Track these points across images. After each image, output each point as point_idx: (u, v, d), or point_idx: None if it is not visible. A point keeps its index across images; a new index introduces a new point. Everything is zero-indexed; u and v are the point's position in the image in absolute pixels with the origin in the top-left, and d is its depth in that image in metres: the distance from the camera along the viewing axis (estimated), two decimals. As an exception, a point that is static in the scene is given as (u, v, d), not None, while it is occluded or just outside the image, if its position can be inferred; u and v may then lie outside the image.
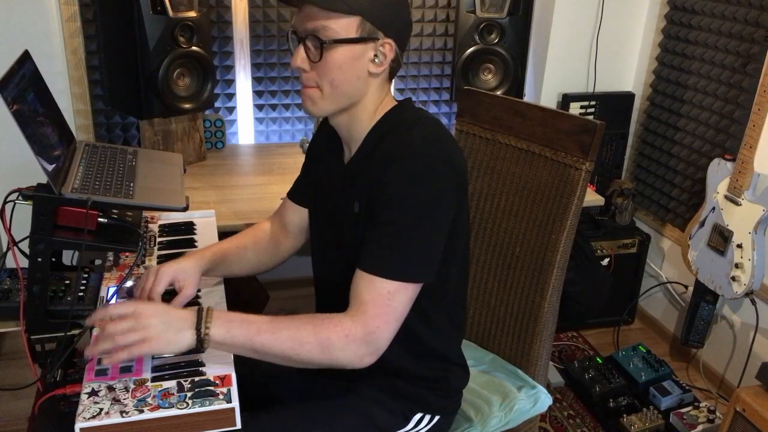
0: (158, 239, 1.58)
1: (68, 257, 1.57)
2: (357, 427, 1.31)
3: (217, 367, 1.13)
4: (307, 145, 2.59)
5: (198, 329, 1.10)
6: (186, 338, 1.10)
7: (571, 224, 1.50)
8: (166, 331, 1.09)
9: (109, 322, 1.10)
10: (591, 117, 2.75)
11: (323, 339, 1.12)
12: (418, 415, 1.35)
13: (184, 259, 1.36)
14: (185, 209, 1.44)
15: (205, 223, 1.69)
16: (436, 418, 1.37)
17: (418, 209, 1.16)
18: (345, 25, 1.15)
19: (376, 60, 1.19)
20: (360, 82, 1.20)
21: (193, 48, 2.22)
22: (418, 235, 1.17)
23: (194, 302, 1.35)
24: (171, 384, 1.08)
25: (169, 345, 1.09)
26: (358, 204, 1.24)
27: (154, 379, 1.10)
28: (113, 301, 1.31)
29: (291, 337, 1.12)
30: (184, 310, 1.15)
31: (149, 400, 1.05)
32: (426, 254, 1.19)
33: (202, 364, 1.14)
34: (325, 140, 1.39)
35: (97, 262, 1.50)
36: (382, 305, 1.14)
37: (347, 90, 1.21)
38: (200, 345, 1.11)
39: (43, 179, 1.24)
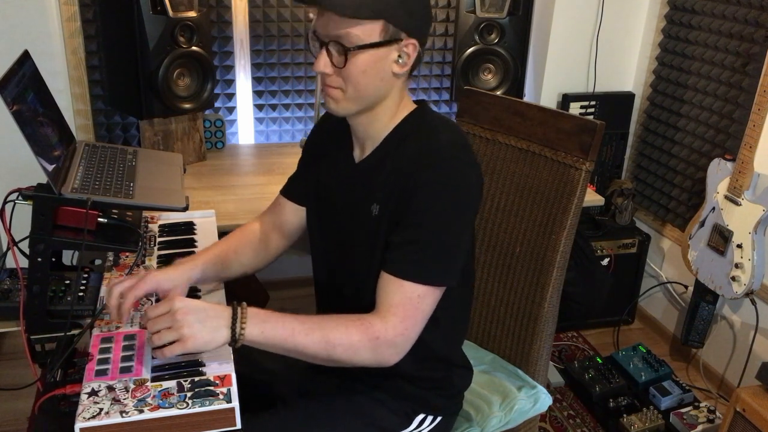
0: (158, 239, 1.58)
1: (68, 257, 1.57)
2: (359, 427, 1.31)
3: (217, 367, 1.13)
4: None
5: (233, 328, 1.10)
6: (221, 337, 1.10)
7: (571, 224, 1.50)
8: (202, 329, 1.09)
9: (148, 322, 1.11)
10: (591, 117, 2.75)
11: (354, 341, 1.14)
12: (421, 416, 1.35)
13: (172, 268, 1.31)
14: (185, 209, 1.44)
15: (205, 223, 1.69)
16: (439, 418, 1.37)
17: (447, 214, 1.17)
18: (369, 31, 1.14)
19: (400, 61, 1.18)
20: (384, 83, 1.20)
21: (193, 48, 2.22)
22: (447, 239, 1.18)
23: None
24: (171, 384, 1.08)
25: (205, 344, 1.09)
26: (378, 206, 1.23)
27: (154, 379, 1.10)
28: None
29: (324, 339, 1.13)
30: (219, 306, 1.14)
31: (149, 400, 1.05)
32: (454, 258, 1.20)
33: (202, 364, 1.14)
34: (326, 136, 1.37)
35: (97, 262, 1.50)
36: (412, 308, 1.16)
37: (371, 92, 1.20)
38: (234, 344, 1.11)
39: (43, 179, 1.24)
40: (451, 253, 1.19)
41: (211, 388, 1.08)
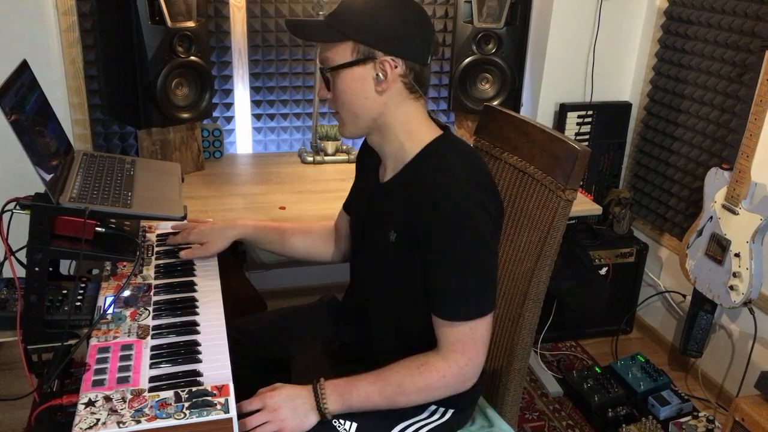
0: (156, 249, 1.58)
1: (66, 267, 1.56)
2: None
3: (215, 377, 1.13)
4: (306, 154, 2.61)
5: (319, 409, 1.27)
6: (311, 420, 1.27)
7: (545, 253, 1.43)
8: (294, 416, 1.25)
9: (246, 419, 1.23)
10: (588, 126, 2.77)
11: (424, 387, 1.26)
12: (433, 407, 1.38)
13: (225, 226, 1.56)
14: (183, 218, 1.44)
15: (203, 232, 1.69)
16: (450, 412, 1.39)
17: (472, 253, 1.23)
18: (341, 51, 1.23)
19: (379, 78, 1.22)
20: (370, 101, 1.25)
21: (192, 58, 2.22)
22: (479, 273, 1.25)
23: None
24: (168, 394, 1.08)
25: (299, 428, 1.25)
26: (395, 234, 1.29)
27: (151, 389, 1.09)
28: (110, 310, 1.30)
29: (397, 392, 1.27)
30: (302, 390, 1.28)
31: (146, 410, 1.04)
32: (490, 286, 1.28)
33: (200, 374, 1.13)
34: (367, 151, 1.43)
35: (95, 271, 1.49)
36: (469, 341, 1.25)
37: (360, 111, 1.26)
38: (323, 418, 1.28)
39: (41, 189, 1.24)
40: (487, 284, 1.26)
41: (209, 398, 1.07)
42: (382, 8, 1.23)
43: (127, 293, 1.37)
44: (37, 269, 1.20)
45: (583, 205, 2.25)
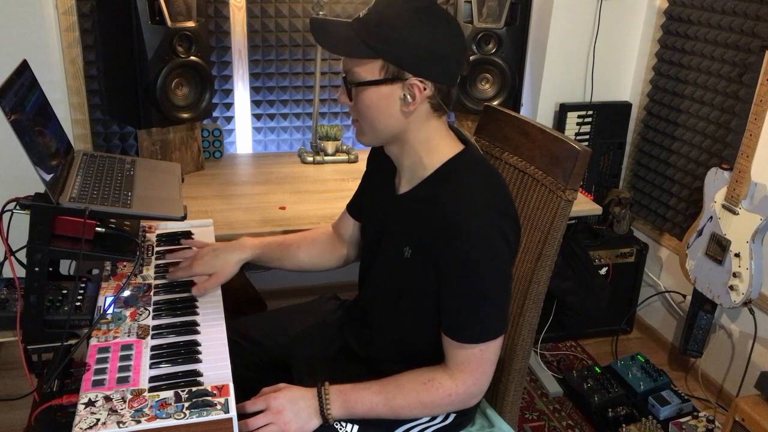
0: (156, 249, 1.58)
1: (65, 267, 1.56)
2: None
3: (215, 377, 1.13)
4: (306, 154, 2.60)
5: (322, 414, 1.26)
6: (314, 424, 1.27)
7: (546, 254, 1.43)
8: (297, 419, 1.25)
9: (249, 420, 1.23)
10: (588, 126, 2.77)
11: (429, 403, 1.27)
12: None
13: (231, 249, 1.49)
14: (183, 218, 1.43)
15: (203, 232, 1.69)
16: (452, 415, 1.39)
17: (489, 278, 1.22)
18: (369, 68, 1.19)
19: (406, 99, 1.20)
20: (394, 119, 1.22)
21: (192, 58, 2.22)
22: (496, 296, 1.25)
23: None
24: (168, 394, 1.08)
25: (301, 429, 1.25)
26: (410, 250, 1.28)
27: (151, 389, 1.09)
28: (110, 311, 1.30)
29: (401, 406, 1.27)
30: (306, 393, 1.28)
31: (146, 410, 1.04)
32: (503, 309, 1.28)
33: (200, 374, 1.13)
34: (382, 157, 1.39)
35: (95, 271, 1.49)
36: (477, 362, 1.26)
37: (382, 127, 1.24)
38: (325, 423, 1.28)
39: (41, 189, 1.24)
40: (501, 307, 1.26)
41: (209, 398, 1.07)
42: (417, 25, 1.16)
43: (127, 293, 1.37)
44: (37, 269, 1.20)
45: (583, 205, 2.25)
